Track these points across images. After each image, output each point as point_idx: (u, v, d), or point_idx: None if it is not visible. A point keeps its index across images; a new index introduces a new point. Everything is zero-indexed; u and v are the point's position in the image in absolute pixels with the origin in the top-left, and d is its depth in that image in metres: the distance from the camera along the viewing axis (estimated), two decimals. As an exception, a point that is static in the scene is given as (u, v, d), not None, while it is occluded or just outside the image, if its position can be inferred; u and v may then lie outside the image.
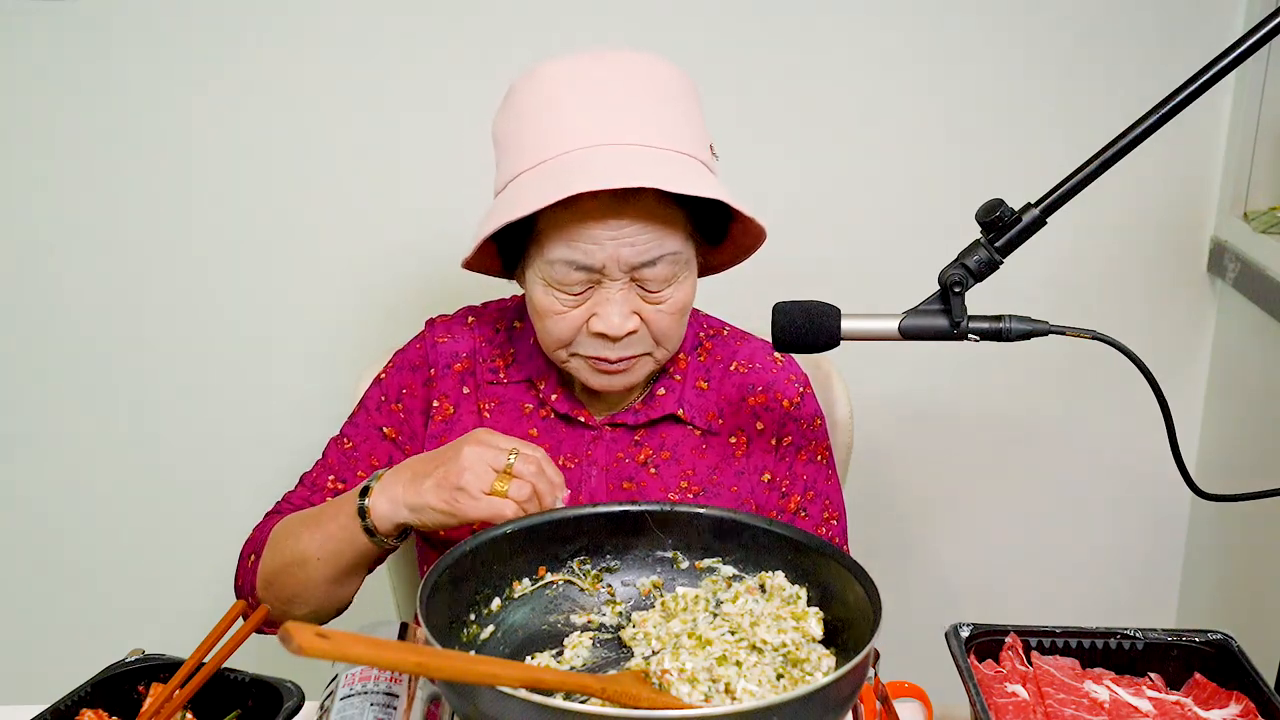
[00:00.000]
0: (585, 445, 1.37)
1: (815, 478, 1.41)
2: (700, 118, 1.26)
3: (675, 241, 1.22)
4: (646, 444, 1.37)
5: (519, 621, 1.13)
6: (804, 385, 1.42)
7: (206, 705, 1.13)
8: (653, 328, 1.26)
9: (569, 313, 1.24)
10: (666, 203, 1.20)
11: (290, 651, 0.75)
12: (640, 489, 1.35)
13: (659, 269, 1.22)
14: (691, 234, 1.26)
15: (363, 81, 1.91)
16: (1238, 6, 1.92)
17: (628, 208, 1.18)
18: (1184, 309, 2.09)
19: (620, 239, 1.19)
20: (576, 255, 1.20)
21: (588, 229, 1.19)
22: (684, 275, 1.25)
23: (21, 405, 2.08)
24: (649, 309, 1.25)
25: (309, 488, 1.40)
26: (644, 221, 1.19)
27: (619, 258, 1.20)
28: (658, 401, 1.37)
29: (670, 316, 1.26)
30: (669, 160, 1.19)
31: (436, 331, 1.42)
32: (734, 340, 1.44)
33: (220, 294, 2.02)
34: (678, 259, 1.23)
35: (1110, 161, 1.11)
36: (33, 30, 1.88)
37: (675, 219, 1.22)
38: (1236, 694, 1.12)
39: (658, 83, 1.23)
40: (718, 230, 1.30)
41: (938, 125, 1.98)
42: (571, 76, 1.22)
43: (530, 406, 1.38)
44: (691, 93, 1.26)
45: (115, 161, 1.95)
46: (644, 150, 1.18)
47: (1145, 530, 2.21)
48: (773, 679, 1.02)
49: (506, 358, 1.39)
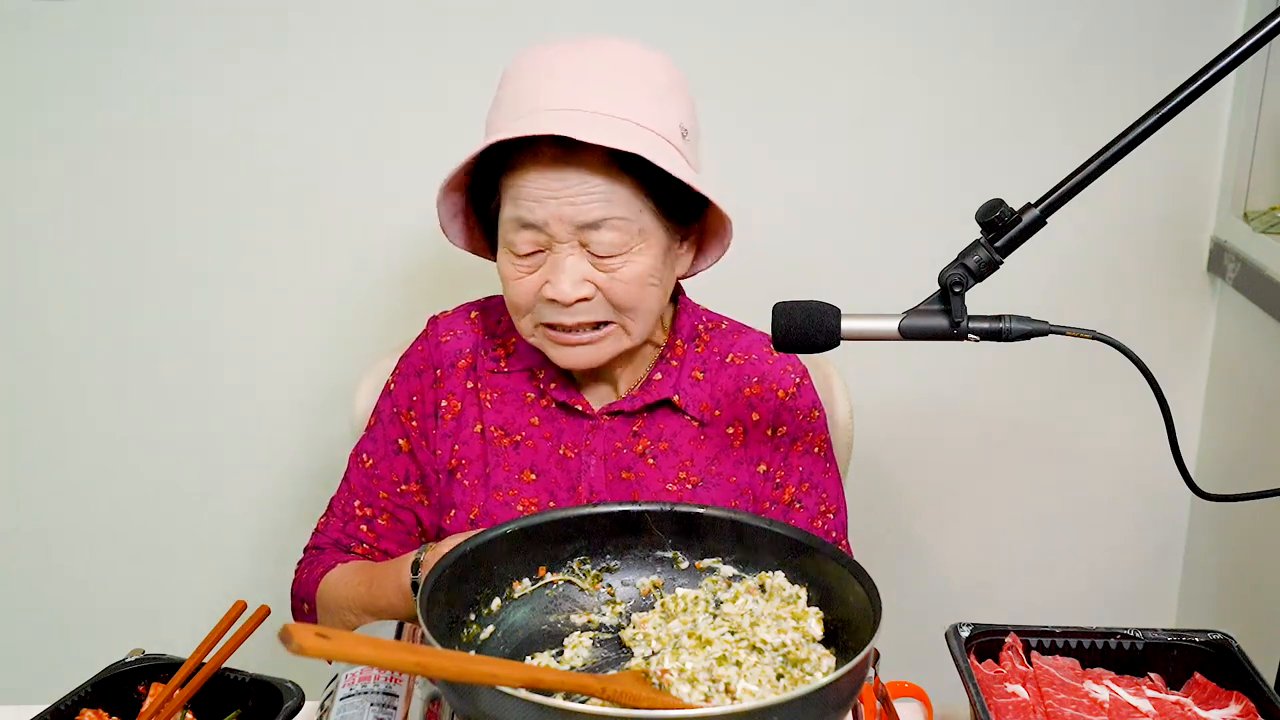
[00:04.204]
0: (584, 435, 1.38)
1: (811, 469, 1.41)
2: (676, 101, 1.27)
3: (622, 207, 1.23)
4: (645, 435, 1.38)
5: (519, 621, 1.13)
6: (801, 376, 1.43)
7: (206, 705, 1.13)
8: (609, 295, 1.26)
9: (525, 278, 1.27)
10: (614, 167, 1.21)
11: (290, 651, 0.75)
12: (639, 479, 1.36)
13: (605, 234, 1.23)
14: (655, 211, 1.26)
15: (362, 81, 1.91)
16: (1238, 6, 1.92)
17: (571, 168, 1.21)
18: (1184, 309, 2.09)
19: (562, 197, 1.21)
20: (521, 212, 1.23)
21: (531, 187, 1.22)
22: (639, 246, 1.26)
23: (21, 405, 2.08)
24: (602, 276, 1.25)
25: (340, 517, 1.44)
26: (588, 182, 1.21)
27: (561, 216, 1.22)
28: (654, 386, 1.38)
29: (627, 285, 1.26)
30: (617, 126, 1.20)
31: (439, 330, 1.44)
32: (732, 333, 1.45)
33: (220, 294, 2.02)
34: (627, 226, 1.24)
35: (1110, 161, 1.11)
36: (33, 30, 1.88)
37: (625, 184, 1.23)
38: (1236, 694, 1.12)
39: (630, 63, 1.26)
40: (689, 213, 1.31)
41: (938, 125, 1.98)
42: (549, 56, 1.26)
43: (531, 396, 1.39)
44: (668, 77, 1.27)
45: (115, 161, 1.94)
46: (594, 116, 1.20)
47: (1145, 530, 2.21)
48: (773, 679, 1.02)
49: (508, 347, 1.41)
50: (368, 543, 1.43)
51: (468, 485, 1.38)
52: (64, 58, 1.90)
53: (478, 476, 1.38)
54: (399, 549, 1.42)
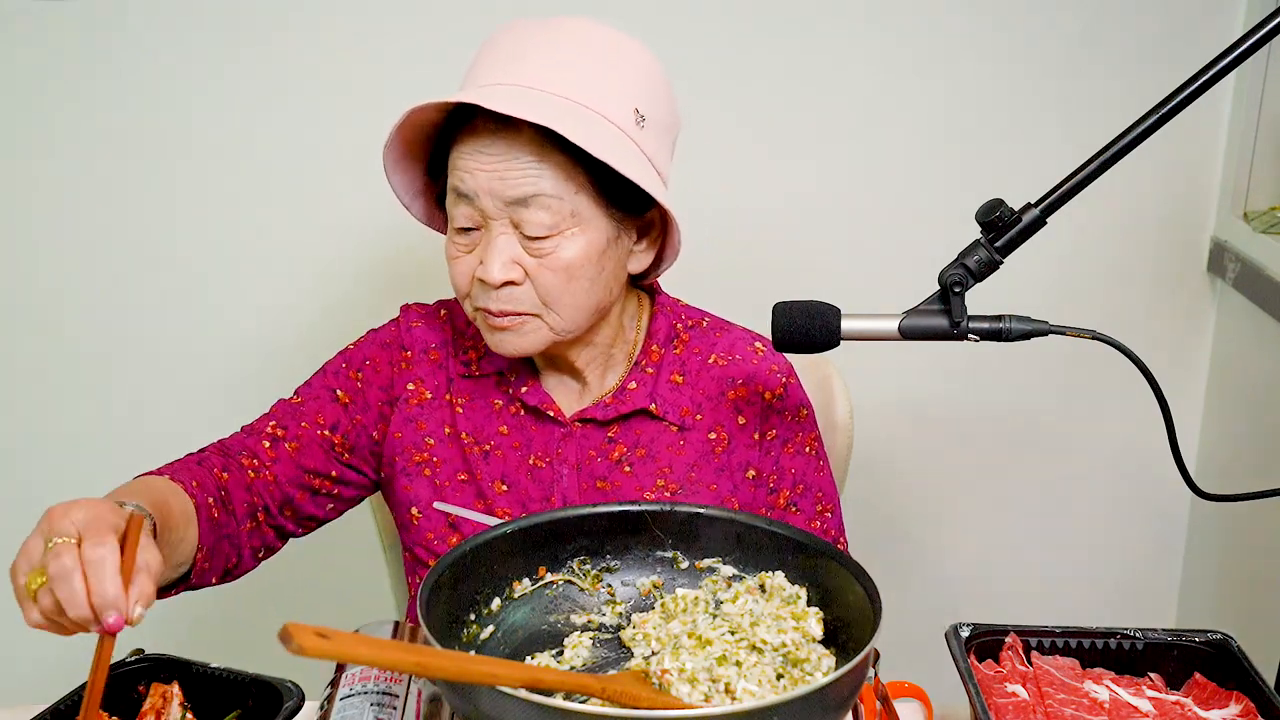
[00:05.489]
0: (556, 443, 1.35)
1: (804, 470, 1.38)
2: (631, 84, 1.23)
3: (551, 184, 1.20)
4: (621, 441, 1.34)
5: (519, 621, 1.13)
6: (787, 375, 1.39)
7: (206, 705, 1.13)
8: (537, 284, 1.23)
9: (463, 258, 1.26)
10: (547, 144, 1.19)
11: (290, 651, 0.75)
12: (615, 489, 1.33)
13: (534, 212, 1.20)
14: (594, 196, 1.22)
15: (363, 80, 1.91)
16: (1238, 6, 1.92)
17: (503, 143, 1.19)
18: (1184, 309, 2.09)
19: (492, 171, 1.20)
20: (456, 182, 1.23)
21: (466, 158, 1.22)
22: (571, 230, 1.22)
23: (21, 405, 2.08)
24: (531, 261, 1.23)
25: (244, 431, 1.37)
26: (518, 158, 1.19)
27: (491, 189, 1.20)
28: (628, 395, 1.34)
29: (555, 273, 1.22)
30: (547, 101, 1.18)
31: (411, 316, 1.42)
32: (713, 331, 1.41)
33: (219, 294, 2.02)
34: (558, 206, 1.20)
35: (1110, 161, 1.11)
36: (33, 30, 1.88)
37: (558, 163, 1.20)
38: (1236, 694, 1.12)
39: (580, 40, 1.24)
40: (642, 204, 1.27)
41: (938, 125, 1.98)
42: (505, 30, 1.26)
43: (500, 403, 1.37)
44: (624, 59, 1.25)
45: (115, 161, 1.94)
46: (527, 90, 1.19)
47: (1145, 530, 2.21)
48: (773, 679, 1.02)
49: (479, 349, 1.38)
50: (260, 459, 1.32)
51: (439, 485, 1.35)
52: (64, 58, 1.90)
53: (449, 479, 1.35)
54: (288, 483, 1.33)
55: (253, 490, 1.31)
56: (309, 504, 1.36)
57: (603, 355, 1.36)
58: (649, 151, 1.24)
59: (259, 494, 1.32)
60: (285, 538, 1.38)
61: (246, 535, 1.30)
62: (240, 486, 1.30)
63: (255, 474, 1.32)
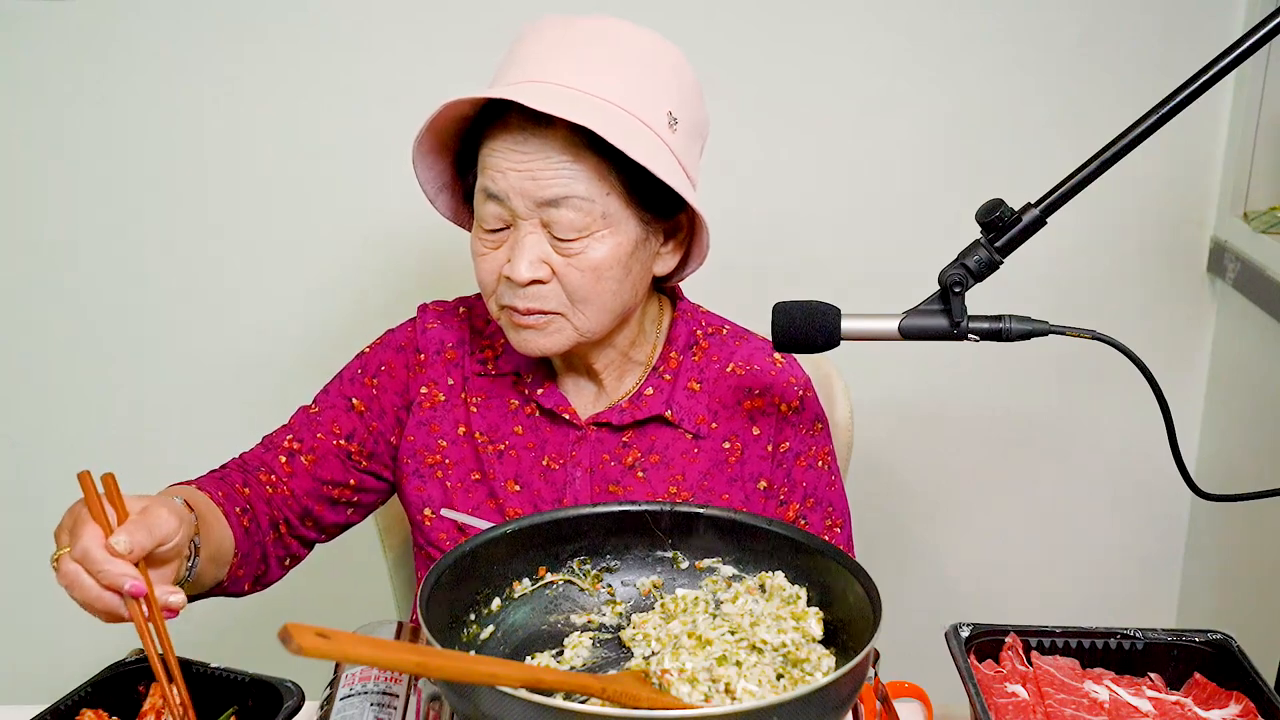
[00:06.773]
0: (570, 446, 1.34)
1: (816, 484, 1.37)
2: (664, 86, 1.23)
3: (584, 186, 1.19)
4: (635, 446, 1.34)
5: (519, 621, 1.13)
6: (805, 388, 1.38)
7: (207, 705, 1.13)
8: (565, 283, 1.22)
9: (490, 254, 1.25)
10: (580, 145, 1.18)
11: (290, 651, 0.75)
12: (627, 493, 1.33)
13: (565, 213, 1.19)
14: (625, 197, 1.22)
15: (365, 80, 1.91)
16: (1238, 6, 1.92)
17: (536, 141, 1.18)
18: (1184, 309, 2.09)
19: (524, 171, 1.19)
20: (486, 182, 1.22)
21: (497, 157, 1.21)
22: (601, 231, 1.21)
23: (21, 405, 2.08)
24: (559, 260, 1.22)
25: (263, 445, 1.38)
26: (550, 158, 1.18)
27: (522, 190, 1.19)
28: (645, 401, 1.34)
29: (582, 273, 1.22)
30: (581, 101, 1.17)
31: (428, 317, 1.41)
32: (733, 340, 1.40)
33: (221, 293, 2.02)
34: (589, 208, 1.20)
35: (1110, 161, 1.11)
36: (33, 30, 1.88)
37: (591, 165, 1.19)
38: (1236, 694, 1.12)
39: (614, 40, 1.23)
40: (671, 207, 1.26)
41: (938, 125, 1.98)
42: (540, 27, 1.25)
43: (516, 403, 1.36)
44: (658, 60, 1.24)
45: (115, 161, 1.95)
46: (561, 89, 1.18)
47: (1145, 530, 2.21)
48: (773, 679, 1.02)
49: (496, 348, 1.37)
50: (278, 474, 1.34)
51: (450, 487, 1.35)
52: (64, 58, 1.90)
53: (461, 480, 1.35)
54: (306, 496, 1.34)
55: (272, 504, 1.33)
56: (330, 513, 1.38)
57: (621, 358, 1.35)
58: (680, 154, 1.24)
59: (278, 508, 1.33)
60: (310, 545, 1.40)
61: (271, 545, 1.32)
62: (261, 500, 1.32)
63: (273, 489, 1.33)
